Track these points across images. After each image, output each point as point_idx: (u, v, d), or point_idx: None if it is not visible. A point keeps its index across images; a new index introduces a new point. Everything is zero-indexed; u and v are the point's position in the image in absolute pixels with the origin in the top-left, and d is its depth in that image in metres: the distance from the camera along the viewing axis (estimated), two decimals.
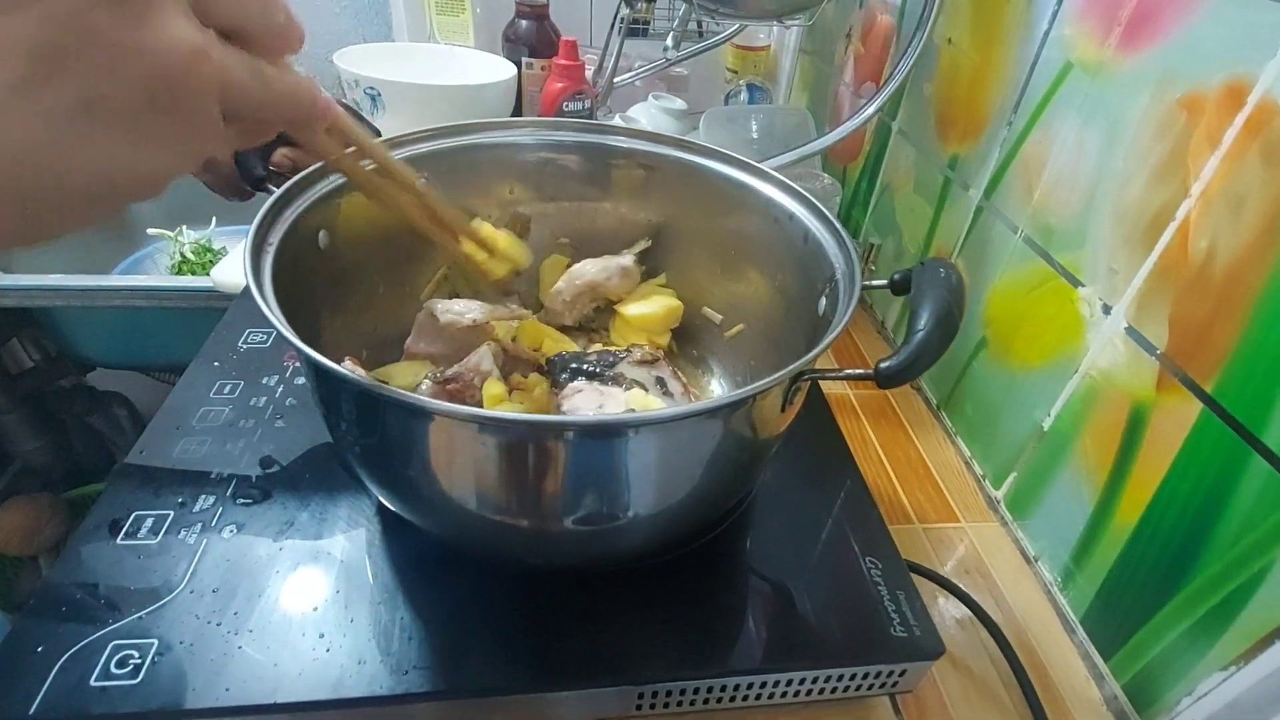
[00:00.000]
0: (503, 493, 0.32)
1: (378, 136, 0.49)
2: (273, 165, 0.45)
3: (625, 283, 0.54)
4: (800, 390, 0.34)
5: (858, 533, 0.45)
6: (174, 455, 0.44)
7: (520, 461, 0.30)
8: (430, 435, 0.30)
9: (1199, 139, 0.40)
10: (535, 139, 0.53)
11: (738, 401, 0.29)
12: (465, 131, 0.50)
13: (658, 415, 0.29)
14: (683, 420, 0.29)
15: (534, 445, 0.29)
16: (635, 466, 0.31)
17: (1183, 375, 0.41)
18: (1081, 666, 0.48)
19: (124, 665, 0.33)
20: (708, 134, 0.87)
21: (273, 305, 0.31)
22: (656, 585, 0.41)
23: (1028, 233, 0.55)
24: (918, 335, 0.31)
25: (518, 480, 0.31)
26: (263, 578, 0.38)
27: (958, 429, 0.65)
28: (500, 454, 0.30)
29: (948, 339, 0.32)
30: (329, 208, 0.42)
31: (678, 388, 0.44)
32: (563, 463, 0.30)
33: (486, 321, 0.47)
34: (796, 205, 0.46)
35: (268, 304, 0.30)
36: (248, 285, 0.30)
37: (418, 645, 0.36)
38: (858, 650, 0.38)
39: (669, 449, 0.31)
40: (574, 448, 0.29)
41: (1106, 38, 0.47)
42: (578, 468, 0.30)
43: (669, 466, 0.32)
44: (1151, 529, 0.43)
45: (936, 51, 0.67)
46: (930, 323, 0.31)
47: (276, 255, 0.35)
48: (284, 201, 0.39)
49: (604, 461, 0.31)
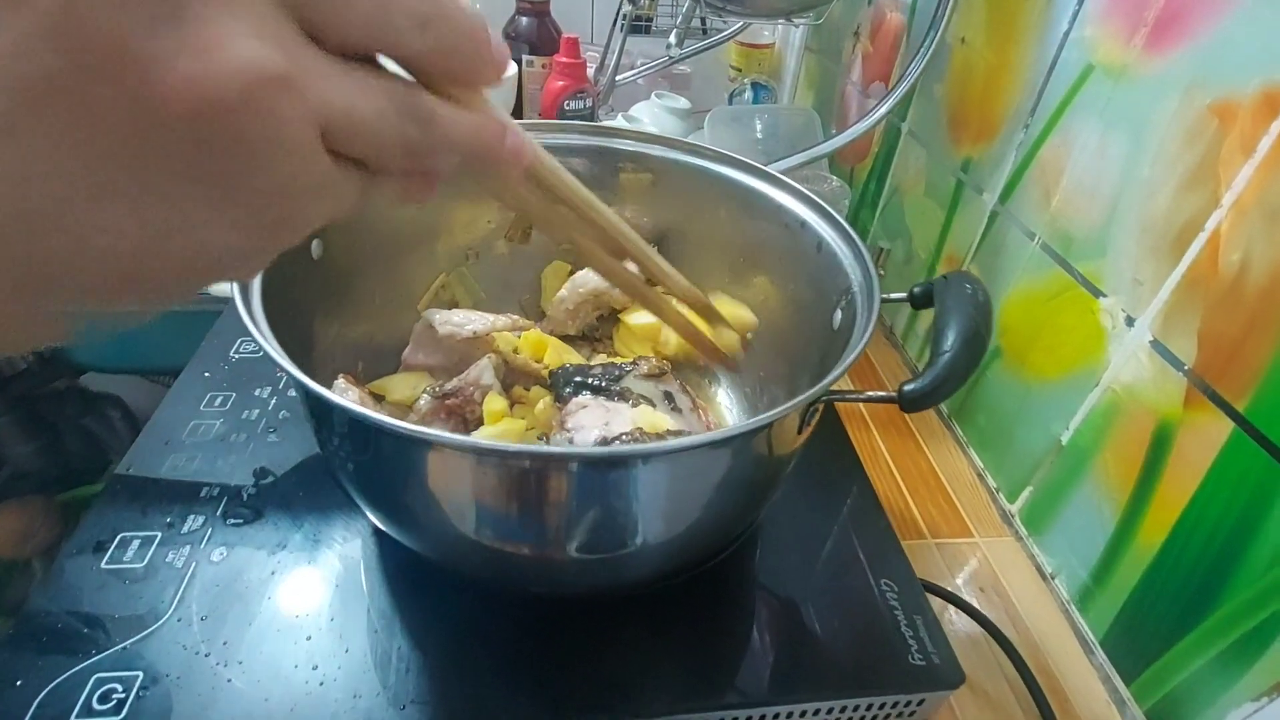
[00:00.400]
0: (503, 523, 0.30)
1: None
2: None
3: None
4: (817, 412, 0.32)
5: (871, 553, 0.44)
6: (162, 472, 0.43)
7: (523, 492, 0.28)
8: (427, 464, 0.28)
9: (1231, 147, 0.38)
10: (537, 140, 0.51)
11: (753, 431, 0.27)
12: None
13: (670, 446, 0.27)
14: (696, 450, 0.28)
15: (537, 476, 0.27)
16: (645, 496, 0.29)
17: (1212, 393, 0.39)
18: (1101, 690, 0.46)
19: (107, 700, 0.32)
20: (712, 134, 0.85)
21: (262, 325, 0.29)
22: (664, 611, 0.39)
23: (1045, 239, 0.53)
24: (944, 357, 0.29)
25: (519, 511, 0.29)
26: (254, 604, 0.37)
27: (970, 439, 0.64)
28: (501, 484, 0.28)
29: (975, 361, 0.30)
30: None
31: (686, 403, 0.43)
32: (568, 493, 0.28)
33: (487, 333, 0.45)
34: (809, 212, 0.45)
35: (257, 325, 0.28)
36: (233, 303, 0.28)
37: (415, 677, 0.34)
38: (875, 680, 0.37)
39: (681, 477, 0.30)
40: (580, 479, 0.27)
41: (1131, 39, 0.45)
42: (584, 498, 0.29)
43: (680, 494, 0.31)
44: (1178, 550, 0.41)
45: (949, 51, 0.65)
46: (957, 344, 0.30)
47: (266, 269, 0.34)
48: None
49: (612, 492, 0.29)
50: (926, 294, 0.36)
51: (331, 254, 0.42)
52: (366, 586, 0.38)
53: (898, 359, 0.76)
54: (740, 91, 1.05)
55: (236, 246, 0.15)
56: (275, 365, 0.27)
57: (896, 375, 0.74)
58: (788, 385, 0.48)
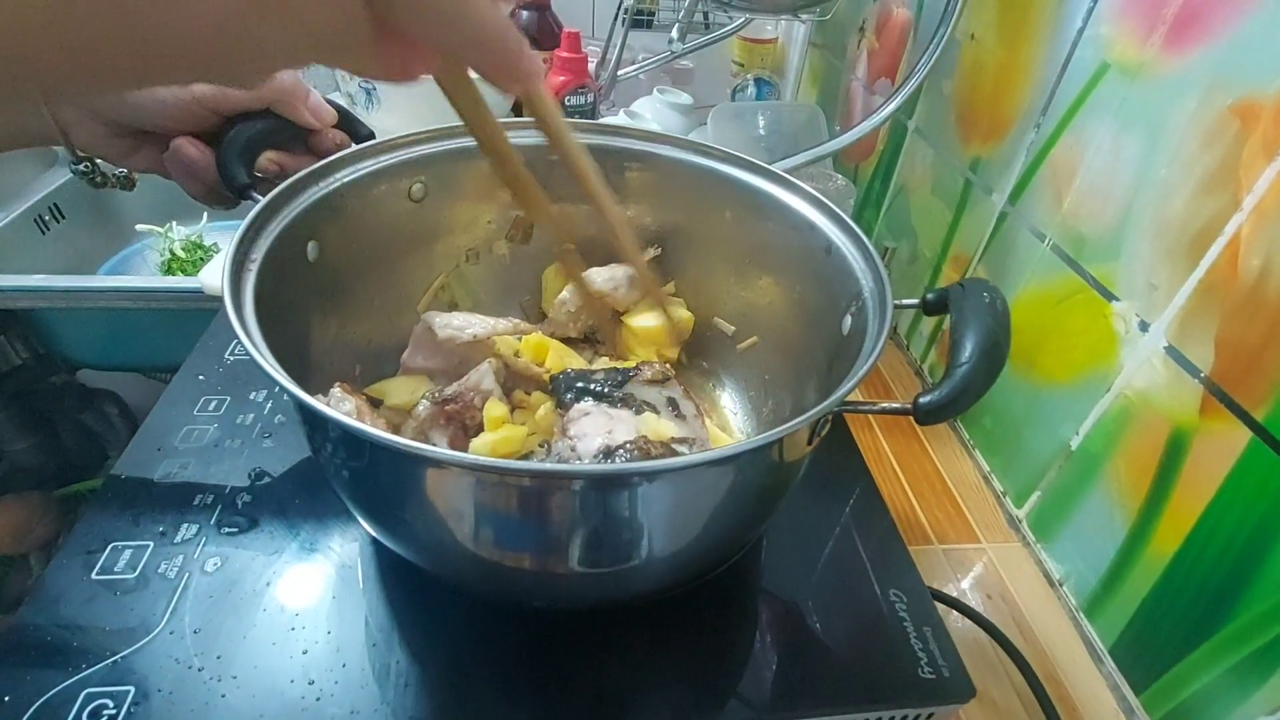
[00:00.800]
0: (502, 539, 0.29)
1: (372, 137, 0.46)
2: (258, 171, 0.42)
3: (633, 293, 0.52)
4: (828, 423, 0.31)
5: (879, 563, 0.43)
6: (155, 479, 0.42)
7: (523, 509, 0.27)
8: (424, 480, 0.27)
9: (1253, 149, 0.37)
10: (538, 140, 0.49)
11: (764, 446, 0.26)
12: (463, 134, 0.47)
13: (678, 463, 0.26)
14: (704, 467, 0.27)
15: (537, 494, 0.27)
16: (651, 512, 0.28)
17: (1229, 401, 0.38)
18: (1110, 699, 0.46)
19: (97, 716, 0.31)
20: (715, 130, 0.84)
21: (254, 334, 0.28)
22: (667, 620, 0.38)
23: (1056, 241, 0.52)
24: (961, 368, 0.28)
25: (518, 528, 0.28)
26: (248, 616, 0.36)
27: (976, 442, 0.63)
28: (500, 501, 0.27)
29: (994, 373, 0.29)
30: (319, 216, 0.39)
31: (690, 409, 0.42)
32: (570, 511, 0.27)
33: (488, 337, 0.44)
34: (818, 214, 0.43)
35: (248, 332, 0.27)
36: (226, 311, 0.27)
37: (415, 691, 0.34)
38: (884, 694, 0.36)
39: (688, 493, 0.29)
40: (583, 497, 0.27)
41: (1149, 38, 0.44)
42: (587, 515, 0.28)
43: (687, 510, 0.30)
44: (1193, 560, 0.41)
45: (958, 48, 0.64)
46: (975, 355, 0.29)
47: (260, 272, 0.33)
48: (269, 212, 0.36)
49: (616, 509, 0.28)
50: (941, 300, 0.35)
51: (327, 255, 0.41)
52: (364, 598, 0.37)
53: (901, 359, 0.75)
54: (743, 87, 1.04)
55: (277, 42, 0.18)
56: (266, 376, 0.26)
57: (901, 376, 0.73)
58: (793, 389, 0.47)
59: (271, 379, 0.25)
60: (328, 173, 0.40)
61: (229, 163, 0.39)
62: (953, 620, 0.48)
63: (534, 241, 0.54)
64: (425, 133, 0.45)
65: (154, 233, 0.94)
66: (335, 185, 0.41)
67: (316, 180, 0.40)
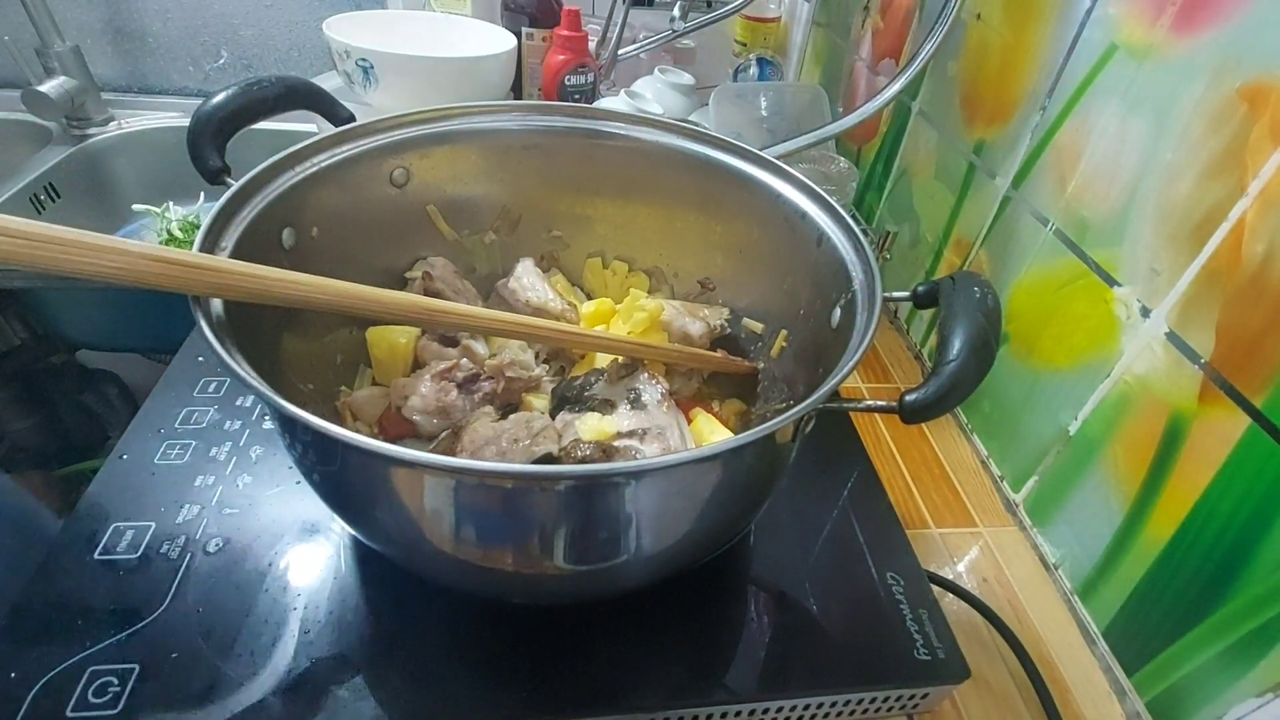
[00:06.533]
0: (485, 542, 0.29)
1: (351, 120, 0.45)
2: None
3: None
4: (812, 419, 0.31)
5: (876, 545, 0.43)
6: (155, 460, 0.42)
7: (507, 513, 0.27)
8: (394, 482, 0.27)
9: (1260, 134, 0.37)
10: (523, 124, 0.48)
11: (743, 445, 0.26)
12: (449, 117, 0.46)
13: (658, 463, 0.25)
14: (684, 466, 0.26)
15: (520, 498, 0.26)
16: (634, 511, 0.28)
17: (1229, 387, 0.38)
18: (1103, 680, 0.46)
19: (103, 694, 0.31)
20: (717, 111, 0.83)
21: (221, 325, 0.28)
22: (656, 606, 0.38)
23: (1059, 225, 0.52)
24: (949, 366, 0.28)
25: (495, 529, 0.28)
26: (250, 595, 0.36)
27: (974, 426, 0.63)
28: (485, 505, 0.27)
29: (983, 370, 0.29)
30: (296, 202, 0.38)
31: (654, 396, 0.40)
32: (552, 512, 0.27)
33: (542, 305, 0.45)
34: (810, 203, 0.43)
35: (214, 332, 0.27)
36: (189, 307, 0.27)
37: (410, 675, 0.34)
38: (879, 674, 0.37)
39: (669, 493, 0.29)
40: (564, 498, 0.26)
41: (1158, 19, 0.43)
42: (569, 517, 0.28)
43: (671, 508, 0.30)
44: (1188, 544, 0.41)
45: (964, 28, 0.63)
46: (963, 351, 0.28)
47: (232, 259, 0.32)
48: (242, 197, 0.35)
49: (594, 510, 0.28)
50: (931, 294, 0.34)
51: (304, 242, 0.39)
52: (365, 579, 0.38)
53: (901, 343, 0.75)
54: (745, 67, 1.03)
55: None
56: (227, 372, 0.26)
57: (900, 360, 0.73)
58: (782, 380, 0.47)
59: (238, 378, 0.25)
60: (305, 156, 0.39)
61: (201, 146, 0.37)
62: (948, 603, 0.48)
63: (521, 228, 0.53)
64: (408, 115, 0.44)
65: (151, 213, 0.94)
66: (313, 169, 0.39)
67: (293, 164, 0.38)
